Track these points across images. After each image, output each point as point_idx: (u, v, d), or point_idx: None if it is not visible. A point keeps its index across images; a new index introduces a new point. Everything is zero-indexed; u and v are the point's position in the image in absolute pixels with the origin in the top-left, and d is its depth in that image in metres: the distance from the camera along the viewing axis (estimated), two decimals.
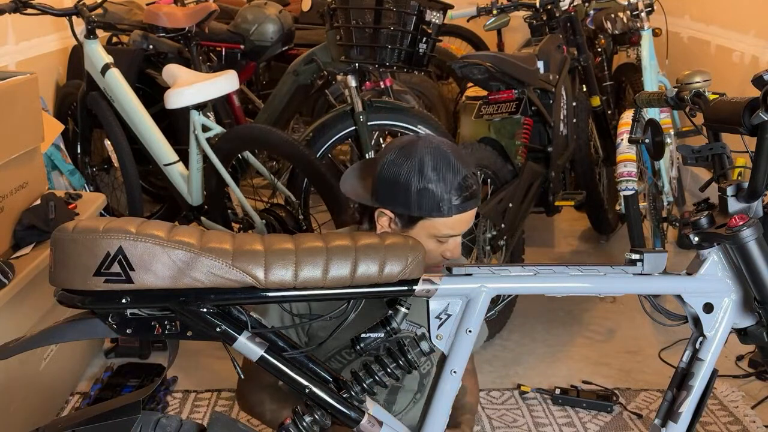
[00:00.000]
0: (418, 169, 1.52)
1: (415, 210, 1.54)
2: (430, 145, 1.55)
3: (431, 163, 1.52)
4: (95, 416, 1.34)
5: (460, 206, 1.54)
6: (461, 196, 1.53)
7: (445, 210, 1.53)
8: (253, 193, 3.31)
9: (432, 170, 1.52)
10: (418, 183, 1.52)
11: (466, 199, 1.54)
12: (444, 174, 1.52)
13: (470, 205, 1.55)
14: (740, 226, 1.38)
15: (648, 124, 1.59)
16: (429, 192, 1.52)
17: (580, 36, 3.66)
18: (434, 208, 1.53)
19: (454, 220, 1.55)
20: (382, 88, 3.29)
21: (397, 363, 1.38)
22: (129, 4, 4.13)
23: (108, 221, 1.26)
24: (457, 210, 1.54)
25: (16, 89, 2.44)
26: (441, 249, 1.60)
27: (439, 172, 1.52)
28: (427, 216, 1.54)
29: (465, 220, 1.57)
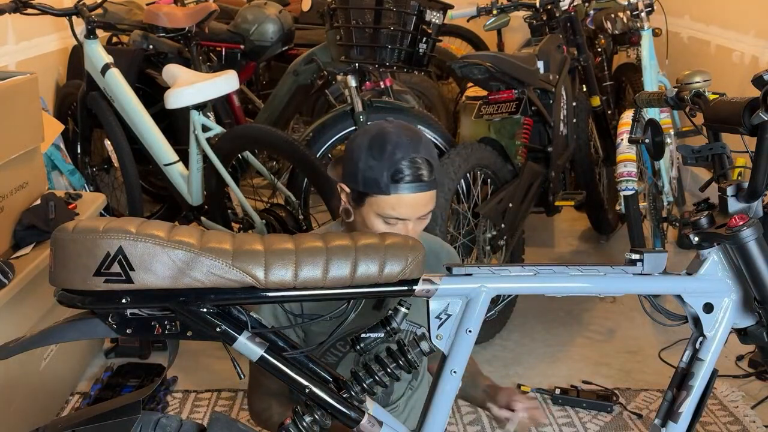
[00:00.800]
0: (368, 146, 1.57)
1: (360, 185, 1.57)
2: (390, 127, 1.59)
3: (381, 142, 1.56)
4: (95, 416, 1.34)
5: (398, 186, 1.54)
6: (400, 177, 1.54)
7: (383, 187, 1.55)
8: (253, 193, 3.31)
9: (379, 149, 1.56)
10: (365, 159, 1.56)
11: (405, 182, 1.54)
12: (389, 153, 1.54)
13: (409, 188, 1.55)
14: (740, 226, 1.38)
15: (648, 124, 1.59)
16: (371, 168, 1.55)
17: (580, 36, 3.66)
18: (374, 184, 1.55)
19: (395, 200, 1.55)
20: (382, 88, 3.29)
21: (397, 363, 1.38)
22: (129, 4, 4.13)
23: (108, 221, 1.26)
24: (394, 189, 1.55)
25: (16, 89, 2.44)
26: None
27: (384, 152, 1.55)
28: (369, 192, 1.56)
29: (408, 204, 1.56)
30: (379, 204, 1.57)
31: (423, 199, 1.58)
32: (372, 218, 1.59)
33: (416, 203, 1.57)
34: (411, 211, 1.58)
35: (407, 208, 1.57)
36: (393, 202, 1.56)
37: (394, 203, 1.56)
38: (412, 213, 1.58)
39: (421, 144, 1.58)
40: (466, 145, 2.91)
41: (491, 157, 3.00)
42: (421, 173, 1.55)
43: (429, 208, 1.61)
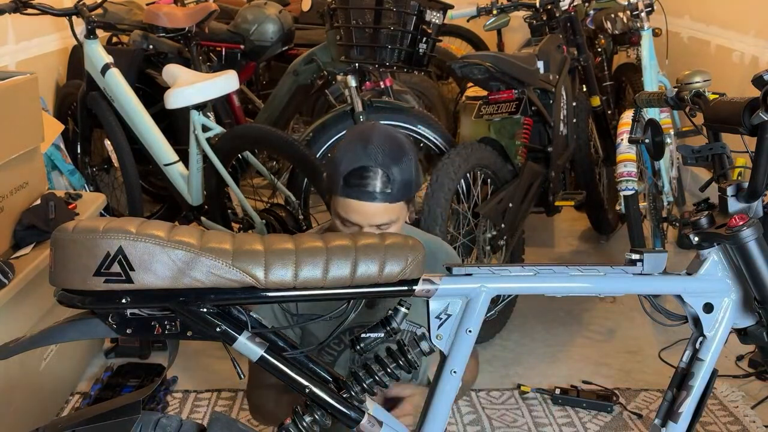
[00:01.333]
0: (340, 147, 1.63)
1: (327, 179, 1.63)
2: (373, 133, 1.62)
3: (349, 145, 1.61)
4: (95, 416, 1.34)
5: (346, 190, 1.58)
6: (350, 182, 1.57)
7: (336, 188, 1.59)
8: (253, 193, 3.31)
9: (344, 151, 1.61)
10: (334, 155, 1.63)
11: (353, 187, 1.57)
12: (350, 157, 1.58)
13: (356, 194, 1.57)
14: (740, 226, 1.38)
15: (648, 124, 1.59)
16: (334, 166, 1.60)
17: (580, 36, 3.66)
18: (332, 182, 1.61)
19: (343, 203, 1.60)
20: (382, 88, 3.30)
21: (397, 363, 1.38)
22: (129, 4, 4.13)
23: (108, 221, 1.26)
24: (344, 192, 1.58)
25: (16, 89, 2.44)
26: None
27: (347, 154, 1.59)
28: (329, 187, 1.62)
29: (356, 211, 1.58)
30: (336, 203, 1.62)
31: (372, 209, 1.59)
32: (335, 217, 1.64)
33: (364, 212, 1.59)
34: (360, 218, 1.60)
35: (356, 214, 1.59)
36: (344, 205, 1.60)
37: (345, 206, 1.60)
38: (362, 220, 1.60)
39: (391, 155, 1.58)
40: (466, 145, 2.91)
41: (491, 157, 3.00)
42: (371, 183, 1.57)
43: (385, 220, 1.61)
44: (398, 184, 1.59)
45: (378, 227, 1.62)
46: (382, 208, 1.59)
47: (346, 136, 1.64)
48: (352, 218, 1.60)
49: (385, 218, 1.61)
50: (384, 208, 1.60)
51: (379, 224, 1.61)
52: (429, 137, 3.04)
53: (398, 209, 1.63)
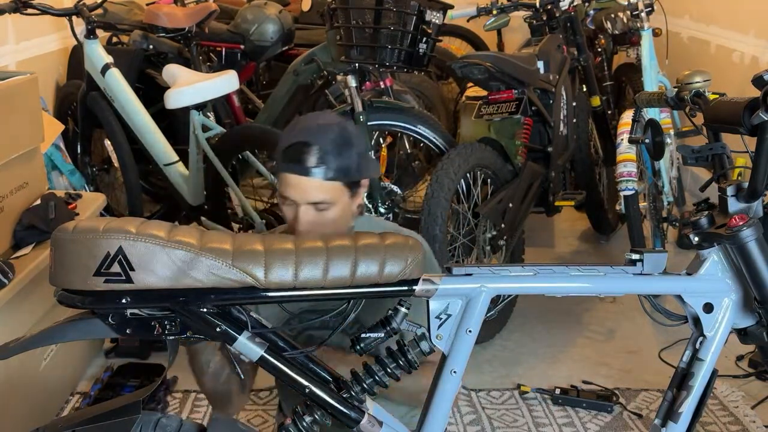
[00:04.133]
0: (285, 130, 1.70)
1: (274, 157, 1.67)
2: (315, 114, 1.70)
3: (293, 123, 1.68)
4: (95, 416, 1.34)
5: (283, 165, 1.62)
6: (287, 156, 1.61)
7: (277, 163, 1.65)
8: (253, 193, 3.31)
9: (287, 131, 1.67)
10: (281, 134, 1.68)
11: (289, 161, 1.61)
12: (292, 133, 1.64)
13: (291, 168, 1.60)
14: (740, 226, 1.38)
15: (648, 124, 1.59)
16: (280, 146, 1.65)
17: (580, 36, 3.66)
18: (276, 159, 1.66)
19: (282, 178, 1.63)
20: (382, 88, 3.29)
21: (397, 363, 1.38)
22: (129, 4, 4.13)
23: (108, 221, 1.26)
24: (281, 168, 1.63)
25: (16, 89, 2.44)
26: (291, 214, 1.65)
27: (287, 132, 1.66)
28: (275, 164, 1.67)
29: (291, 185, 1.61)
30: (279, 179, 1.66)
31: (308, 184, 1.60)
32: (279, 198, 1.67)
33: (300, 186, 1.61)
34: (296, 193, 1.62)
35: (291, 188, 1.62)
36: (282, 180, 1.64)
37: (282, 181, 1.64)
38: (297, 195, 1.62)
39: (330, 136, 1.62)
40: (466, 145, 2.91)
41: (491, 157, 3.00)
42: (306, 157, 1.59)
43: (319, 198, 1.62)
44: (334, 162, 1.60)
45: (315, 206, 1.62)
46: (316, 183, 1.60)
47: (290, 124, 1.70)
48: (289, 194, 1.62)
49: (319, 196, 1.61)
50: (318, 184, 1.60)
51: (315, 202, 1.62)
52: (429, 137, 3.04)
53: (334, 190, 1.62)
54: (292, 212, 1.64)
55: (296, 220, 1.63)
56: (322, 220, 1.63)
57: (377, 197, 3.03)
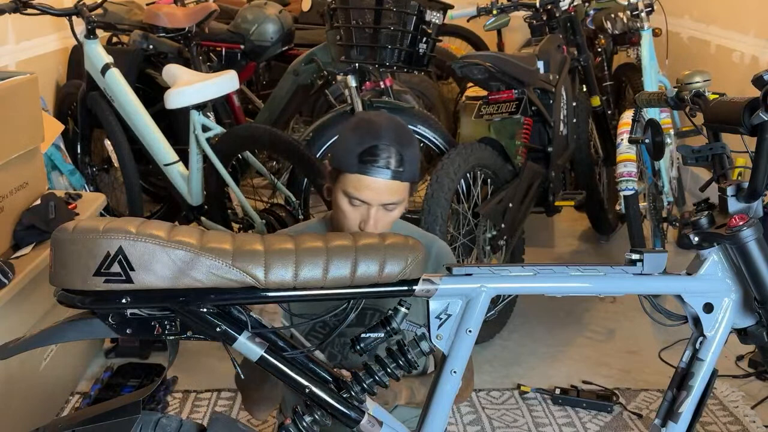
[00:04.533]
0: (352, 127, 1.65)
1: (335, 160, 1.64)
2: (379, 116, 1.66)
3: (364, 125, 1.63)
4: (95, 416, 1.34)
5: (362, 167, 1.59)
6: (366, 159, 1.59)
7: (349, 165, 1.60)
8: (253, 193, 3.31)
9: (359, 130, 1.62)
10: (345, 137, 1.64)
11: (369, 163, 1.58)
12: (363, 136, 1.60)
13: (372, 171, 1.59)
14: (740, 226, 1.38)
15: (648, 124, 1.59)
16: (345, 145, 1.62)
17: (580, 36, 3.66)
18: (344, 161, 1.61)
19: (356, 180, 1.60)
20: (382, 88, 3.29)
21: (397, 363, 1.38)
22: (129, 4, 4.13)
23: (108, 221, 1.26)
24: (358, 169, 1.59)
25: (16, 89, 2.44)
26: (358, 216, 1.63)
27: (360, 133, 1.61)
28: (339, 167, 1.62)
29: (369, 187, 1.59)
30: (345, 182, 1.62)
31: (386, 186, 1.60)
32: (340, 196, 1.64)
33: (378, 188, 1.60)
34: (372, 195, 1.60)
35: (369, 191, 1.60)
36: (356, 181, 1.60)
37: (357, 183, 1.60)
38: (373, 197, 1.60)
39: (401, 137, 1.63)
40: (466, 145, 2.91)
41: (491, 157, 3.00)
42: (389, 160, 1.59)
43: (395, 199, 1.63)
44: (408, 164, 1.62)
45: (385, 207, 1.63)
46: (393, 185, 1.61)
47: (350, 123, 1.67)
48: (363, 196, 1.60)
49: (394, 197, 1.62)
50: (395, 186, 1.61)
51: (388, 203, 1.62)
52: (429, 137, 3.04)
53: (405, 190, 1.64)
54: (358, 214, 1.63)
55: (365, 221, 1.62)
56: (388, 219, 1.65)
57: None
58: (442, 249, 1.82)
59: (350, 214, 1.64)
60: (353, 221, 1.64)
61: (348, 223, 1.64)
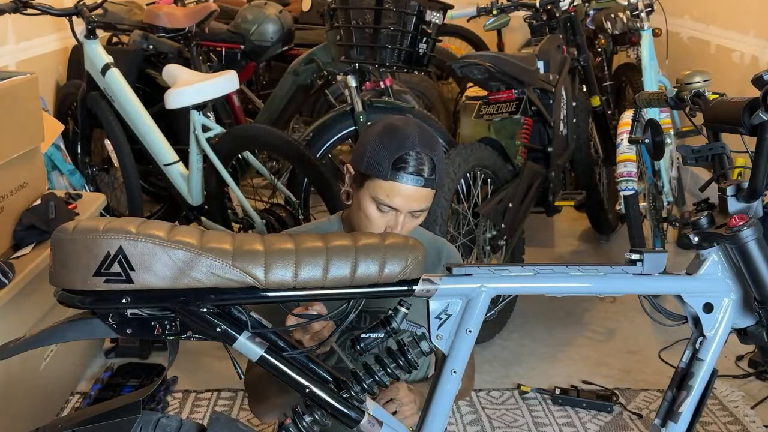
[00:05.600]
0: (380, 132, 1.62)
1: (364, 166, 1.61)
2: (407, 121, 1.65)
3: (393, 131, 1.62)
4: (95, 416, 1.34)
5: (397, 174, 1.58)
6: (401, 166, 1.58)
7: (383, 171, 1.58)
8: (253, 193, 3.31)
9: (389, 136, 1.61)
10: (374, 142, 1.61)
11: (404, 171, 1.58)
12: (398, 142, 1.59)
13: (407, 179, 1.58)
14: (740, 226, 1.38)
15: (648, 124, 1.59)
16: (376, 152, 1.60)
17: (580, 36, 3.66)
18: (376, 167, 1.59)
19: (390, 187, 1.58)
20: (382, 88, 3.29)
21: (397, 363, 1.38)
22: (129, 4, 4.13)
23: (108, 221, 1.26)
24: (392, 176, 1.58)
25: (16, 89, 2.44)
26: (384, 221, 1.62)
27: (393, 140, 1.59)
28: (369, 173, 1.60)
29: (402, 194, 1.59)
30: (376, 188, 1.60)
31: (418, 194, 1.60)
32: (367, 202, 1.62)
33: (410, 195, 1.59)
34: (404, 202, 1.60)
35: (401, 198, 1.59)
36: (388, 188, 1.59)
37: (389, 190, 1.59)
38: (404, 204, 1.60)
39: (431, 144, 1.62)
40: (466, 145, 2.91)
41: (491, 157, 3.00)
42: (422, 168, 1.58)
43: (423, 206, 1.62)
44: (438, 170, 1.62)
45: (413, 213, 1.63)
46: (425, 192, 1.61)
47: (377, 128, 1.65)
48: (394, 202, 1.59)
49: (424, 204, 1.62)
50: (427, 193, 1.61)
51: (418, 210, 1.62)
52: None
53: (432, 196, 1.65)
54: (385, 220, 1.62)
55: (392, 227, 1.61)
56: (413, 225, 1.65)
57: None
58: (451, 252, 1.82)
59: (377, 221, 1.62)
60: (378, 228, 1.62)
61: (373, 229, 1.63)
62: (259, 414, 1.73)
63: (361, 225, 1.66)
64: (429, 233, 1.87)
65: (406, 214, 1.61)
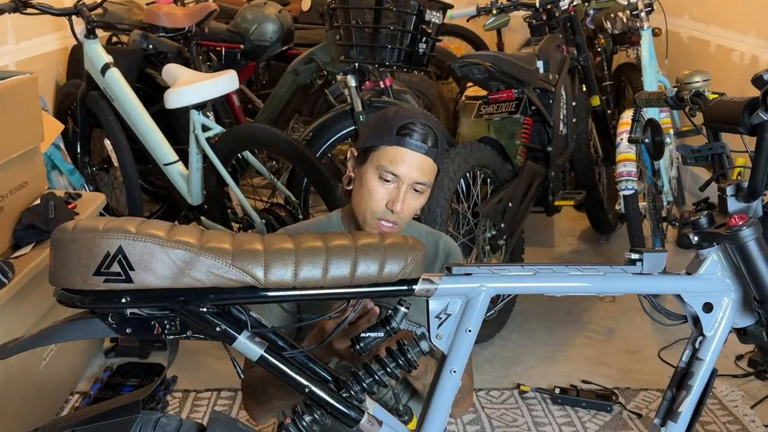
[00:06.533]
0: (385, 111, 1.69)
1: (368, 140, 1.66)
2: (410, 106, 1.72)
3: (398, 108, 1.70)
4: (95, 416, 1.34)
5: (401, 139, 1.61)
6: (405, 132, 1.62)
7: (387, 138, 1.62)
8: (253, 193, 3.31)
9: (394, 110, 1.68)
10: (379, 118, 1.68)
11: (408, 137, 1.61)
12: (402, 115, 1.65)
13: (411, 144, 1.61)
14: (740, 225, 1.38)
15: (648, 123, 1.59)
16: (381, 124, 1.65)
17: (579, 36, 3.66)
18: (380, 136, 1.64)
19: (393, 152, 1.61)
20: (381, 88, 3.29)
21: (397, 363, 1.38)
22: (129, 4, 4.13)
23: (108, 221, 1.26)
24: (397, 141, 1.61)
25: (16, 89, 2.44)
26: (386, 194, 1.63)
27: (398, 113, 1.66)
28: (374, 144, 1.64)
29: (406, 161, 1.61)
30: (380, 156, 1.62)
31: (422, 162, 1.62)
32: (369, 174, 1.64)
33: (414, 163, 1.61)
34: (407, 170, 1.61)
35: (405, 165, 1.61)
36: (392, 153, 1.61)
37: (393, 155, 1.61)
38: (407, 172, 1.61)
39: (434, 124, 1.68)
40: (465, 145, 2.91)
41: (491, 157, 3.00)
42: (426, 136, 1.63)
43: (425, 179, 1.64)
44: (440, 147, 1.65)
45: (414, 188, 1.64)
46: (427, 163, 1.63)
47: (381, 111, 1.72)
48: (398, 169, 1.61)
49: (425, 177, 1.63)
50: (428, 164, 1.63)
51: (418, 182, 1.63)
52: None
53: (433, 174, 1.66)
54: (387, 193, 1.63)
55: (393, 200, 1.62)
56: (414, 205, 1.66)
57: None
58: (448, 242, 1.82)
59: (378, 193, 1.63)
60: (380, 201, 1.63)
61: (374, 204, 1.63)
62: (256, 415, 1.72)
63: (360, 203, 1.66)
64: (426, 227, 1.88)
65: (408, 186, 1.62)
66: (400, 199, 1.62)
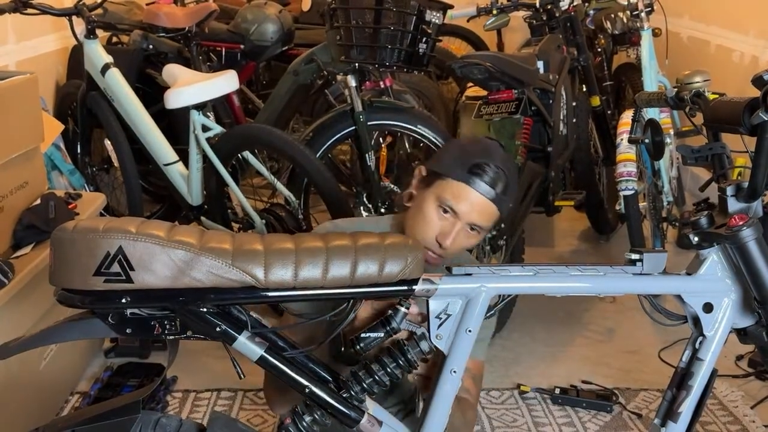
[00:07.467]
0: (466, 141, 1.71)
1: (439, 165, 1.63)
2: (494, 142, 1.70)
3: (480, 142, 1.68)
4: (95, 416, 1.34)
5: (470, 178, 1.58)
6: (477, 172, 1.58)
7: (457, 173, 1.59)
8: (253, 193, 3.31)
9: (474, 143, 1.67)
10: (457, 145, 1.67)
11: (479, 177, 1.58)
12: (480, 151, 1.62)
13: (479, 185, 1.58)
14: (740, 225, 1.38)
15: (648, 124, 1.59)
16: (457, 154, 1.63)
17: (580, 36, 3.66)
18: (452, 168, 1.61)
19: (458, 189, 1.58)
20: (382, 88, 3.29)
21: (397, 363, 1.38)
22: (129, 4, 4.13)
23: (108, 221, 1.26)
24: (465, 178, 1.58)
25: (16, 89, 2.44)
26: (440, 227, 1.60)
27: (477, 148, 1.63)
28: (443, 173, 1.61)
29: (469, 200, 1.58)
30: (445, 188, 1.60)
31: (485, 206, 1.59)
32: (430, 201, 1.61)
33: (476, 204, 1.59)
34: (468, 209, 1.59)
35: (467, 203, 1.59)
36: (458, 190, 1.59)
37: (458, 192, 1.59)
38: (467, 212, 1.59)
39: (512, 172, 1.64)
40: None
41: None
42: (496, 181, 1.59)
43: (483, 223, 1.61)
44: (509, 197, 1.62)
45: (473, 228, 1.61)
46: (489, 208, 1.60)
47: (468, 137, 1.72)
48: (459, 206, 1.59)
49: (484, 221, 1.61)
50: (492, 210, 1.60)
51: (475, 224, 1.61)
52: (429, 137, 3.03)
53: (493, 219, 1.63)
54: (440, 225, 1.60)
55: (445, 234, 1.59)
56: (463, 244, 1.63)
57: (377, 197, 3.04)
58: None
59: (433, 223, 1.61)
60: (432, 231, 1.61)
61: (426, 231, 1.61)
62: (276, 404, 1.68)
63: (414, 226, 1.64)
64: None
65: (463, 225, 1.60)
66: (452, 236, 1.59)
